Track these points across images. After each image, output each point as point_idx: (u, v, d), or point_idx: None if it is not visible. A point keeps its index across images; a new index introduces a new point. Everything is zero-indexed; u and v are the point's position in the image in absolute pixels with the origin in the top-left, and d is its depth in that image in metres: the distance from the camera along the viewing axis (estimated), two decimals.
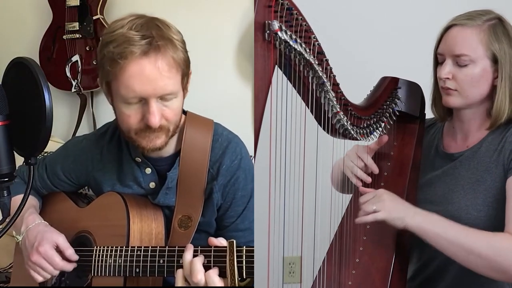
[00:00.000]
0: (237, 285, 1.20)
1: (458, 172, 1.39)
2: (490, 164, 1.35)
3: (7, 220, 1.05)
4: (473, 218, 1.33)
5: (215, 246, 1.25)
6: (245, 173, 1.47)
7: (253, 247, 1.21)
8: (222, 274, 1.22)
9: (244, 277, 1.21)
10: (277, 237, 1.33)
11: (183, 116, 1.48)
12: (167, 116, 1.34)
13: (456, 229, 1.27)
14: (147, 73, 1.27)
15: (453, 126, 1.46)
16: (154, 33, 1.29)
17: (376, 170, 1.44)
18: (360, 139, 1.42)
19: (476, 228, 1.29)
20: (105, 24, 2.48)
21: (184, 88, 1.38)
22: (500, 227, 1.28)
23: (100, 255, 1.41)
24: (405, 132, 1.52)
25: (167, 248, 1.32)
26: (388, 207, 1.31)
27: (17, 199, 1.06)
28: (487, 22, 1.35)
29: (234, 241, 1.22)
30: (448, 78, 1.37)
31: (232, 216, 1.47)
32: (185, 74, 1.36)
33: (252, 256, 1.21)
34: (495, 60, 1.34)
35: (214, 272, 1.21)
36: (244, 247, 1.21)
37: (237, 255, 1.20)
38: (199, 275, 1.20)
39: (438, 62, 1.42)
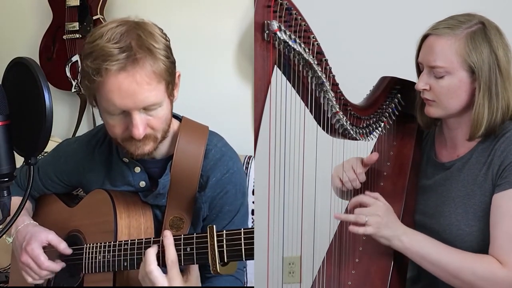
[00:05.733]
0: (218, 270, 1.20)
1: (450, 183, 1.38)
2: (479, 177, 1.33)
3: (7, 220, 1.05)
4: (465, 234, 1.32)
5: (197, 233, 1.26)
6: (235, 188, 1.45)
7: (237, 229, 1.21)
8: (206, 261, 1.23)
9: (226, 261, 1.21)
10: (277, 237, 1.33)
11: (178, 122, 1.47)
12: (153, 125, 1.32)
13: (441, 253, 1.28)
14: (126, 87, 1.24)
15: (443, 132, 1.44)
16: (134, 44, 1.24)
17: (362, 179, 1.44)
18: (360, 139, 1.42)
19: (468, 242, 1.31)
20: None
21: (170, 95, 1.33)
22: None
23: (90, 252, 1.41)
24: (404, 132, 1.52)
25: (152, 239, 1.32)
26: (379, 224, 1.30)
27: (13, 202, 1.06)
28: (466, 29, 1.30)
29: (214, 226, 1.22)
30: (425, 89, 1.35)
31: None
32: (169, 82, 1.31)
33: (235, 239, 1.20)
34: (472, 71, 1.30)
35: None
36: (224, 231, 1.21)
37: (217, 240, 1.21)
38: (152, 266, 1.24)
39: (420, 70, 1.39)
